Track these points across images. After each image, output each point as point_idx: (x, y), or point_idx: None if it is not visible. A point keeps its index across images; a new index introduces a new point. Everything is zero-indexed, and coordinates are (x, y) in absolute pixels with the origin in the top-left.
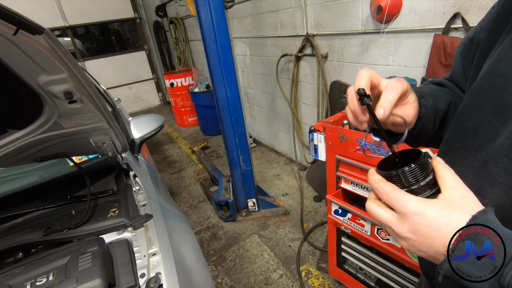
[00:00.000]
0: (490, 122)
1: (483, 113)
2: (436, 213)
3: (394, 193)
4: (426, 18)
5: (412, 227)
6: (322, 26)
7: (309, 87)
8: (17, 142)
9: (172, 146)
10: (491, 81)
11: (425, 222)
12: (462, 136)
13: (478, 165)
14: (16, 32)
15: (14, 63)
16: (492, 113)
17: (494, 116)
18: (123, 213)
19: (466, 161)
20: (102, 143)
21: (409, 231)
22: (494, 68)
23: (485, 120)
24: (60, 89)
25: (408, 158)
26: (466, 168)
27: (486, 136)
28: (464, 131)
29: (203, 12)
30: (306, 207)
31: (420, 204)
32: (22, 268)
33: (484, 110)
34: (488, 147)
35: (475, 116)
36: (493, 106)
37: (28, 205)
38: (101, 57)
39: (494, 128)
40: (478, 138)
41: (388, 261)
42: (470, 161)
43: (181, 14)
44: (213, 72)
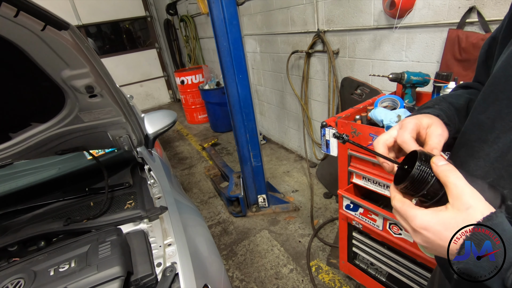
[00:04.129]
0: (507, 114)
1: (500, 105)
2: (441, 227)
3: (403, 209)
4: (441, 12)
5: (424, 239)
6: (334, 22)
7: (320, 83)
8: (40, 135)
9: (183, 142)
10: (506, 73)
11: (433, 235)
12: (479, 129)
13: (495, 156)
14: (44, 28)
15: (40, 58)
16: (509, 104)
17: (511, 107)
18: (139, 205)
19: (483, 153)
20: (119, 137)
21: (422, 241)
22: (509, 61)
23: (502, 112)
24: (82, 83)
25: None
26: (483, 160)
27: (504, 128)
28: (480, 123)
29: (215, 9)
30: (316, 204)
31: (426, 219)
32: (45, 255)
33: (501, 102)
34: (505, 138)
35: (492, 108)
36: (509, 98)
37: (48, 196)
38: (113, 55)
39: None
40: (495, 130)
41: (400, 256)
42: (487, 153)
43: (192, 12)
44: (225, 68)
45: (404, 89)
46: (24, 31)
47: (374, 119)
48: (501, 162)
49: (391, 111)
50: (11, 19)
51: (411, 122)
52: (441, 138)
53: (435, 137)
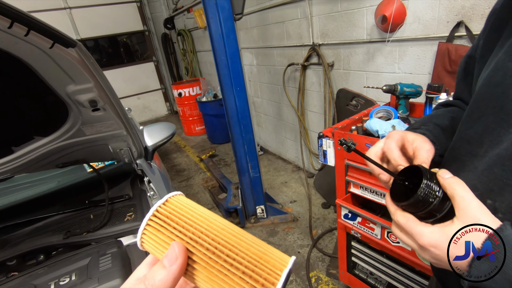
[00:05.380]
0: (494, 129)
1: (486, 121)
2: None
3: (408, 226)
4: (430, 26)
5: (433, 255)
6: (328, 35)
7: (316, 95)
8: (42, 149)
9: (180, 154)
10: (490, 90)
11: (442, 252)
12: (467, 143)
13: (482, 168)
14: (53, 46)
15: (47, 74)
16: (496, 120)
17: (497, 123)
18: (139, 217)
19: (472, 167)
20: (119, 150)
21: (431, 258)
22: (491, 78)
23: (489, 127)
24: (86, 97)
25: (412, 175)
26: (472, 173)
27: (491, 142)
28: (468, 138)
29: (213, 24)
30: (314, 214)
31: (434, 236)
32: (45, 269)
33: (487, 117)
34: (492, 152)
35: (478, 123)
36: (495, 114)
37: (48, 209)
38: (111, 69)
39: (499, 134)
40: (483, 144)
41: (398, 264)
42: (475, 166)
43: (189, 26)
44: (223, 81)
45: (398, 100)
46: (33, 49)
47: (370, 129)
48: (487, 175)
49: (385, 121)
50: (21, 38)
51: (397, 133)
52: (430, 153)
53: (424, 152)
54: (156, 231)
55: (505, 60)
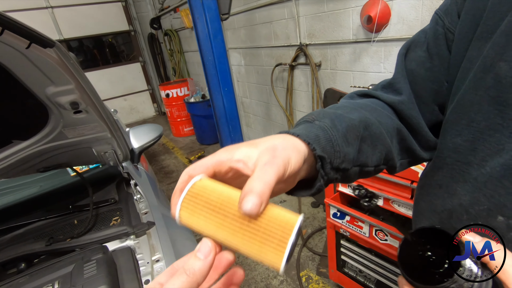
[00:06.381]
0: (490, 136)
1: (478, 127)
2: None
3: None
4: (414, 26)
5: None
6: (315, 36)
7: (304, 95)
8: (21, 153)
9: (169, 156)
10: (479, 94)
11: None
12: (455, 152)
13: (483, 180)
14: (29, 46)
15: (24, 75)
16: (491, 126)
17: (495, 129)
18: (125, 221)
19: (469, 177)
20: (104, 153)
21: None
22: (479, 81)
23: (484, 134)
24: (67, 99)
25: (432, 239)
26: (471, 184)
27: (490, 151)
28: (456, 146)
29: (199, 24)
30: (304, 213)
31: None
32: (26, 277)
33: (479, 124)
34: (493, 162)
35: (467, 131)
36: (487, 120)
37: (29, 216)
38: (96, 70)
39: (498, 142)
40: (478, 152)
41: (387, 262)
42: (474, 177)
43: (176, 26)
44: (210, 81)
45: None
46: (8, 49)
47: None
48: (494, 189)
49: None
50: None
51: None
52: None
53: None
54: (191, 205)
55: (495, 59)
